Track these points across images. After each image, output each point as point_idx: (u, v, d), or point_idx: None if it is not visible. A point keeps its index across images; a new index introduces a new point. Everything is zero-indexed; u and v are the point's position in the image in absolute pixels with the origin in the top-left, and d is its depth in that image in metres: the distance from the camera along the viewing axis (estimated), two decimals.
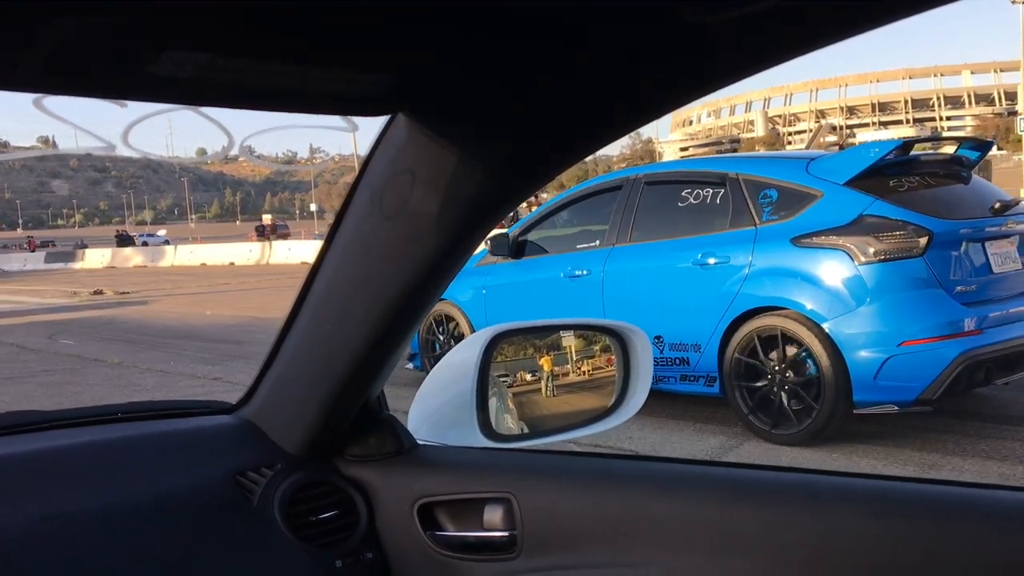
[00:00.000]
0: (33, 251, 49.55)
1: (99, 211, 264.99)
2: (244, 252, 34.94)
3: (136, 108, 0.75)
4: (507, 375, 1.28)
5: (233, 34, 0.60)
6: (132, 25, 0.57)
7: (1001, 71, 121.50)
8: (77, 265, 40.14)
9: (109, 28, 0.56)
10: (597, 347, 1.37)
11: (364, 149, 0.95)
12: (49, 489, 0.99)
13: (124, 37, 0.58)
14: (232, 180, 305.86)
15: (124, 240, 54.89)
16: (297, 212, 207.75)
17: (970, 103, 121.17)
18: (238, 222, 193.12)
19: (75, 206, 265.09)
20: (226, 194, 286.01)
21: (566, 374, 1.34)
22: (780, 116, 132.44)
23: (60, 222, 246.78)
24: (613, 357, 1.34)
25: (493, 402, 1.24)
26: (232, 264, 32.91)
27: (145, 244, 51.20)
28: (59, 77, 0.61)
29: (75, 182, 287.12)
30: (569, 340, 1.35)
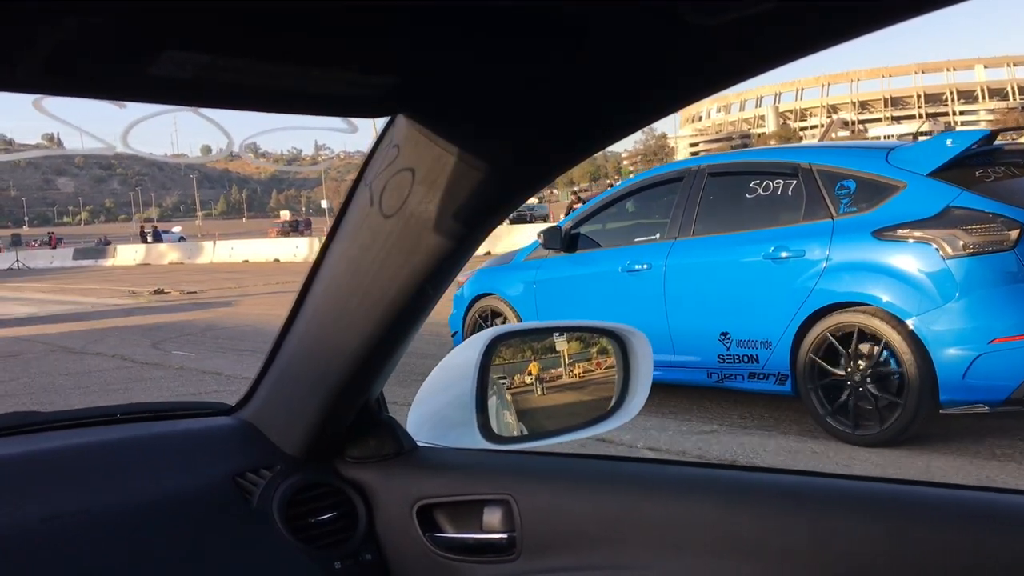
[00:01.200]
0: (55, 247, 48.69)
1: (105, 209, 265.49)
2: (289, 249, 32.97)
3: (136, 108, 0.75)
4: (505, 377, 1.27)
5: (233, 35, 0.60)
6: (132, 26, 0.56)
7: (1014, 65, 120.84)
8: (108, 262, 37.96)
9: (109, 28, 0.56)
10: (594, 349, 1.36)
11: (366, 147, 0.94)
12: (49, 490, 0.99)
13: (124, 37, 0.57)
14: (237, 178, 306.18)
15: (153, 236, 51.90)
16: (303, 209, 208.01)
17: (983, 98, 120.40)
18: (244, 219, 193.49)
19: (81, 203, 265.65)
20: (232, 191, 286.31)
21: (559, 377, 1.33)
22: (791, 111, 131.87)
23: (66, 219, 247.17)
24: (601, 361, 1.34)
25: (493, 404, 1.23)
26: (277, 261, 31.16)
27: (160, 240, 50.62)
28: (59, 77, 0.61)
29: (80, 180, 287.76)
30: (562, 344, 1.34)
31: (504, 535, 1.06)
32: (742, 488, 0.99)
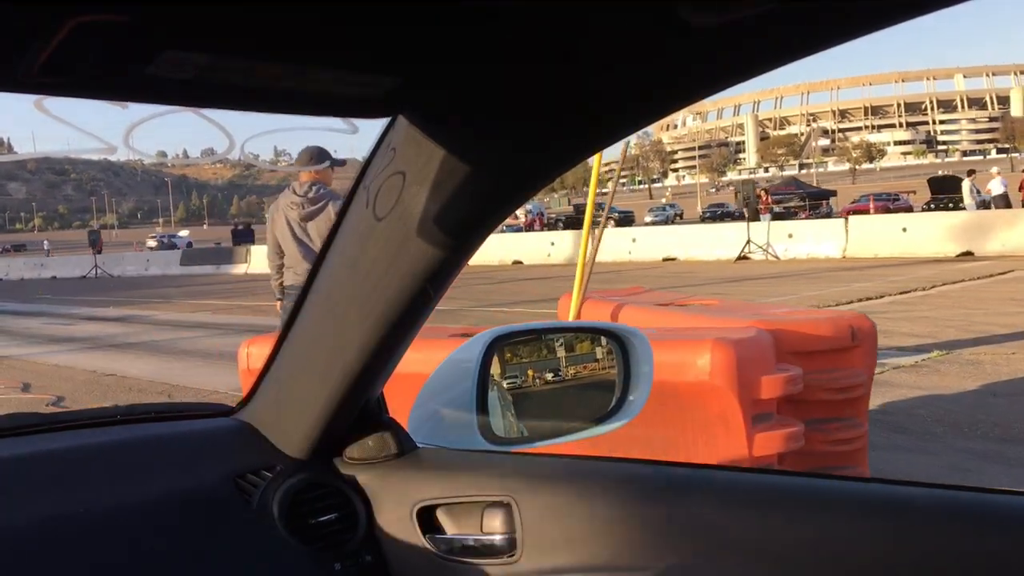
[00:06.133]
0: (100, 251, 38.79)
1: (59, 215, 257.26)
2: (538, 246, 24.63)
3: (134, 109, 0.71)
4: (505, 378, 1.27)
5: (233, 35, 0.60)
6: (132, 26, 0.56)
7: (993, 75, 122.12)
8: (240, 268, 28.18)
9: (109, 28, 0.56)
10: (594, 350, 1.34)
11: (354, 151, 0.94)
12: (50, 491, 0.99)
13: (124, 37, 0.57)
14: (196, 183, 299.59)
15: (242, 235, 42.52)
16: (266, 216, 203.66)
17: (963, 107, 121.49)
18: (206, 226, 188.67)
19: (34, 209, 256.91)
20: (192, 197, 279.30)
21: (559, 378, 1.32)
22: (770, 119, 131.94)
23: (18, 226, 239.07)
24: (601, 362, 1.33)
25: (493, 405, 1.23)
26: (519, 263, 23.50)
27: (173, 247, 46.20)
28: (59, 77, 0.60)
29: (32, 185, 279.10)
30: (562, 345, 1.33)
31: (505, 536, 1.05)
32: (741, 489, 0.99)
